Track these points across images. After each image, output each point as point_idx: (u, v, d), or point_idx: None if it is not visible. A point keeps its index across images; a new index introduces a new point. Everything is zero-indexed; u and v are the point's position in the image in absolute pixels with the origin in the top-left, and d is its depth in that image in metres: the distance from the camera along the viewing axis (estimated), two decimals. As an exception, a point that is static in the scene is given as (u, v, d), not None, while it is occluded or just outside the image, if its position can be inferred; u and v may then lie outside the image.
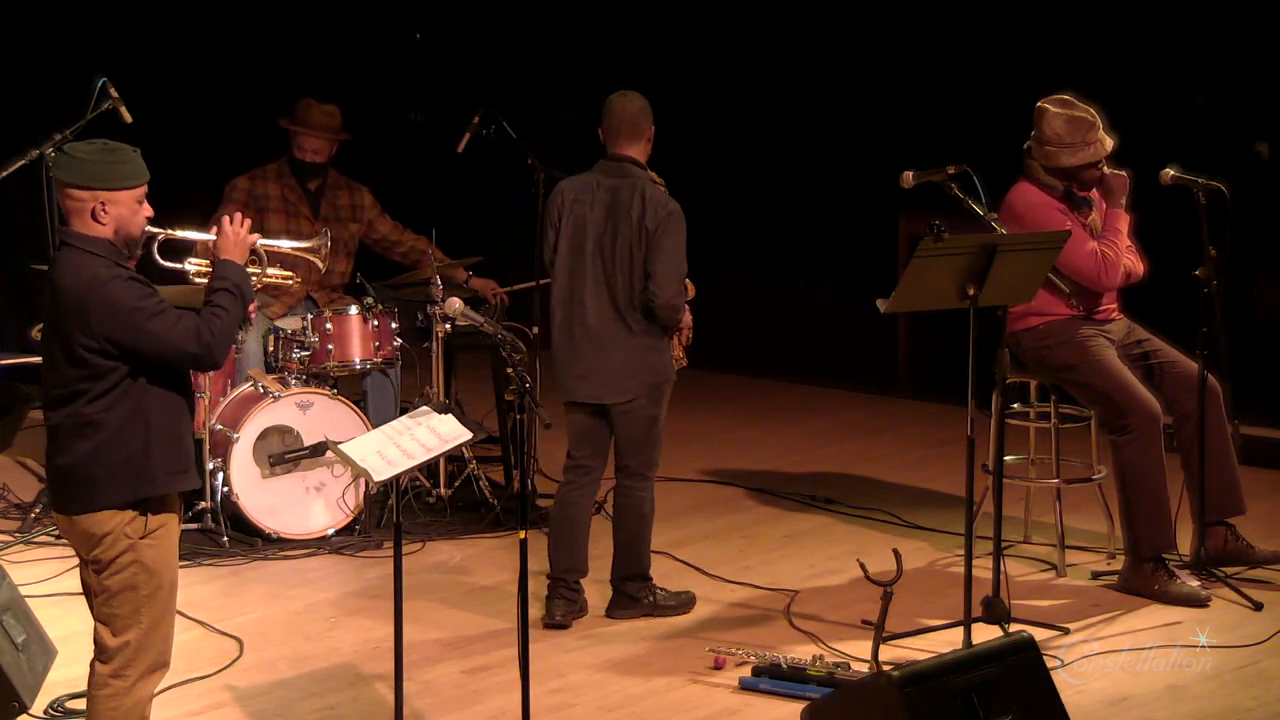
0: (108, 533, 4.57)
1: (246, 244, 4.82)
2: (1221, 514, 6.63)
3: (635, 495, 6.36)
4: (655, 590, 6.42)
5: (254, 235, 4.86)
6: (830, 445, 8.96)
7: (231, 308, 4.66)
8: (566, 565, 6.33)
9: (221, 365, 4.77)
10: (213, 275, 4.77)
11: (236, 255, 4.78)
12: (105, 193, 4.56)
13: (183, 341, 4.53)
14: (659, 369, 6.33)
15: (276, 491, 7.26)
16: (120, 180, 4.58)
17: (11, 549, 7.13)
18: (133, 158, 4.62)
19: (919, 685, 4.54)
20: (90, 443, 4.53)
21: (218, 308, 4.64)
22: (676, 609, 6.41)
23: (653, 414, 6.33)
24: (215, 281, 4.72)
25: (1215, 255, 6.45)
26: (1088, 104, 6.55)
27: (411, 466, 4.99)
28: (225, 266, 4.75)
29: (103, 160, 4.58)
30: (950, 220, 5.80)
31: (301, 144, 7.92)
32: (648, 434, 6.34)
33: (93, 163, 4.56)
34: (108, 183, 4.56)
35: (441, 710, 5.60)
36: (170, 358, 4.55)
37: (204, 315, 4.60)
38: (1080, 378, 6.58)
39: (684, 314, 6.47)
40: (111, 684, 4.61)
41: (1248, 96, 9.33)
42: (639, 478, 6.36)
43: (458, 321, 6.36)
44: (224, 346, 4.63)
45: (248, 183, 7.93)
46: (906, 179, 6.16)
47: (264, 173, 7.96)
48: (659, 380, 6.33)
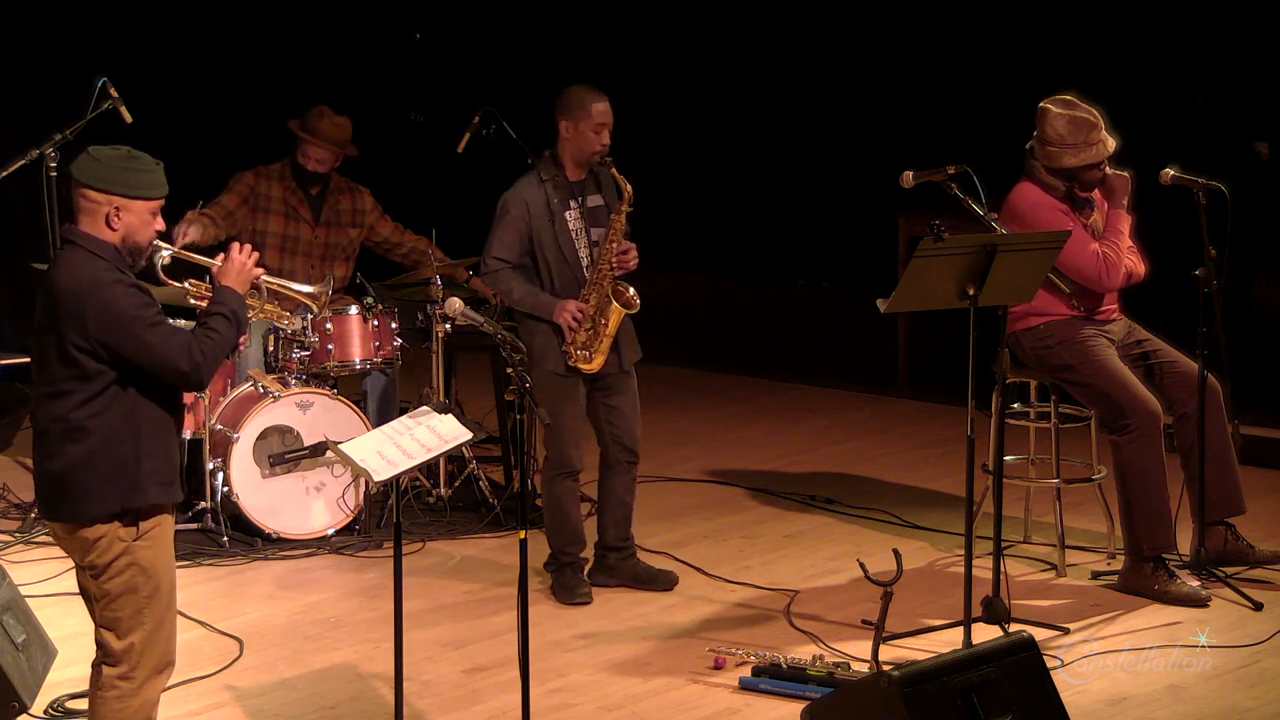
0: (101, 537, 4.57)
1: (249, 275, 4.81)
2: (1221, 514, 6.63)
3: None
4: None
5: (259, 270, 4.85)
6: (830, 445, 8.95)
7: (225, 332, 4.65)
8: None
9: (205, 386, 4.74)
10: (211, 299, 4.76)
11: (238, 284, 4.78)
12: (122, 199, 4.56)
13: (174, 356, 4.52)
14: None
15: (276, 491, 7.26)
16: (139, 190, 4.58)
17: (11, 549, 7.13)
18: (155, 169, 4.63)
19: (919, 685, 4.54)
20: (80, 448, 4.52)
21: (212, 330, 4.63)
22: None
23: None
24: (213, 306, 4.72)
25: (1215, 255, 6.45)
26: (1090, 104, 6.55)
27: (411, 466, 4.99)
28: (225, 293, 4.74)
29: (125, 167, 4.58)
30: (950, 220, 5.81)
31: (307, 151, 7.90)
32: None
33: (115, 168, 4.56)
34: (127, 190, 4.56)
35: (441, 710, 5.60)
36: (159, 370, 4.53)
37: (198, 335, 4.60)
38: (1080, 378, 6.58)
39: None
40: (119, 686, 4.61)
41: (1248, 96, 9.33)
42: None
43: (458, 321, 6.38)
44: (212, 368, 4.62)
45: (253, 179, 7.92)
46: (906, 179, 6.16)
47: (269, 172, 7.95)
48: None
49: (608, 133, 6.48)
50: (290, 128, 7.94)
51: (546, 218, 6.48)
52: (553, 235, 6.48)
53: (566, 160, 6.53)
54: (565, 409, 6.50)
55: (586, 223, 6.53)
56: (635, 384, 6.67)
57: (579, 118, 6.46)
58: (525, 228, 6.48)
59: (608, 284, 6.46)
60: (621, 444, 6.63)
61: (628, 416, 6.63)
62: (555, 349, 6.47)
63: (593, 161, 6.51)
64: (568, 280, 6.51)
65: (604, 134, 6.47)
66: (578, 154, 6.50)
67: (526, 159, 7.57)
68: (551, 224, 6.48)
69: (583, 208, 6.53)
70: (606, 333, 6.45)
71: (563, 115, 6.49)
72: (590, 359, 6.46)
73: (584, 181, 6.57)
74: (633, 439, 6.65)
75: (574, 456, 6.58)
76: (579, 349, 6.45)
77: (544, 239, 6.48)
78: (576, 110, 6.46)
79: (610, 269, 6.48)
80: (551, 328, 6.46)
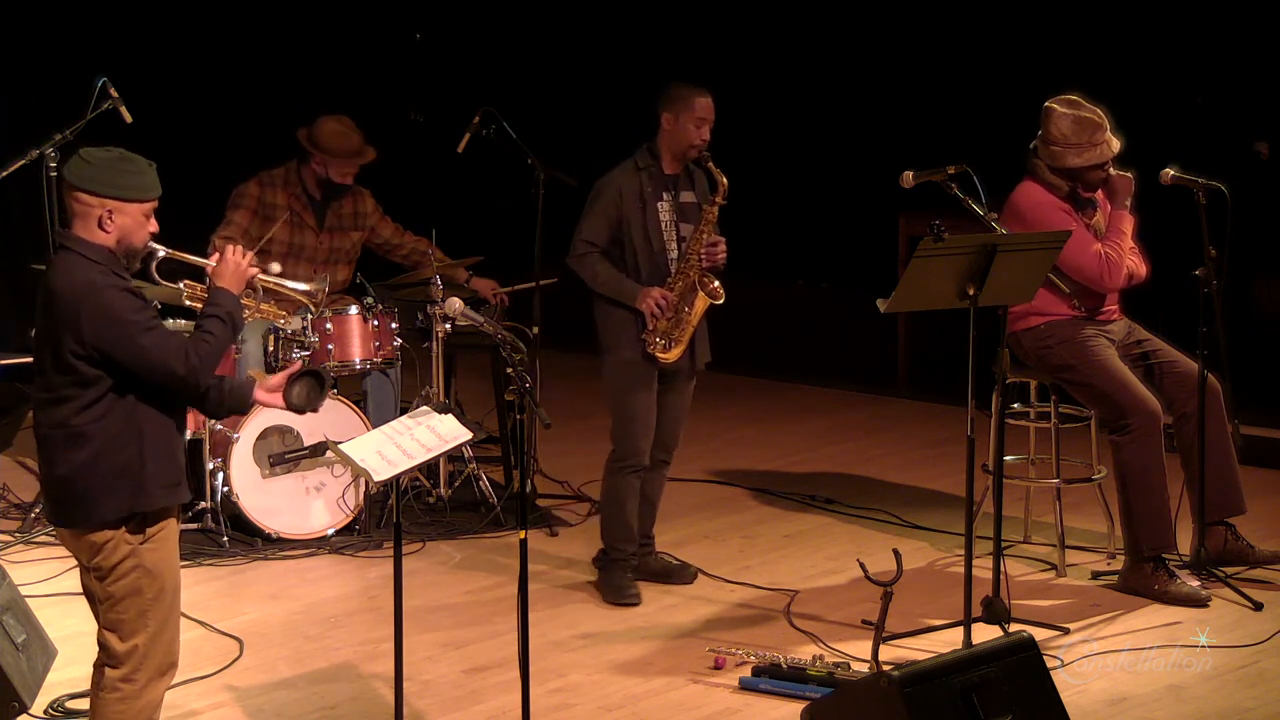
0: (108, 541, 4.56)
1: (244, 275, 4.78)
2: (1221, 514, 6.63)
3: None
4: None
5: (254, 269, 4.83)
6: (830, 445, 8.95)
7: (221, 334, 4.63)
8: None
9: (202, 390, 4.70)
10: (207, 300, 4.74)
11: (233, 285, 4.75)
12: (115, 202, 4.53)
13: (171, 360, 4.50)
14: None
15: (276, 491, 7.26)
16: (132, 191, 4.56)
17: (11, 549, 7.13)
18: (147, 171, 4.60)
19: (919, 685, 4.55)
20: (82, 454, 4.51)
21: (208, 333, 4.61)
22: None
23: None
24: (208, 307, 4.70)
25: (1215, 255, 6.45)
26: (1095, 105, 6.55)
27: (411, 466, 4.99)
28: (220, 294, 4.72)
29: (118, 169, 4.55)
30: (950, 220, 5.81)
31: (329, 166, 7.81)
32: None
33: (107, 170, 4.54)
34: (120, 192, 4.54)
35: (441, 710, 5.60)
36: (155, 375, 4.51)
37: (194, 339, 4.58)
38: (1080, 377, 6.58)
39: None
40: (122, 688, 4.61)
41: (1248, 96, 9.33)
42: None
43: (458, 321, 6.38)
44: (209, 371, 4.61)
45: (257, 189, 7.86)
46: (906, 179, 6.16)
47: (271, 179, 7.90)
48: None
49: (708, 128, 6.44)
50: (302, 143, 7.85)
51: (638, 206, 6.43)
52: (642, 223, 6.44)
53: (665, 153, 6.48)
54: (638, 397, 6.47)
55: (677, 216, 6.49)
56: (693, 388, 6.63)
57: (680, 110, 6.41)
58: (615, 213, 6.43)
59: (694, 275, 6.42)
60: (661, 442, 6.60)
61: (675, 417, 6.61)
62: (631, 336, 6.42)
63: (690, 156, 6.46)
64: (653, 270, 6.45)
65: (704, 129, 6.43)
66: (676, 147, 6.45)
67: (526, 159, 7.60)
68: (643, 212, 6.43)
69: (675, 201, 6.50)
70: (690, 322, 6.42)
71: (665, 108, 6.44)
72: (669, 348, 6.42)
73: (679, 176, 6.52)
74: (673, 440, 6.64)
75: (644, 449, 6.53)
76: (659, 336, 6.41)
77: (633, 226, 6.43)
78: (678, 103, 6.42)
79: (699, 260, 6.43)
80: (631, 314, 6.41)
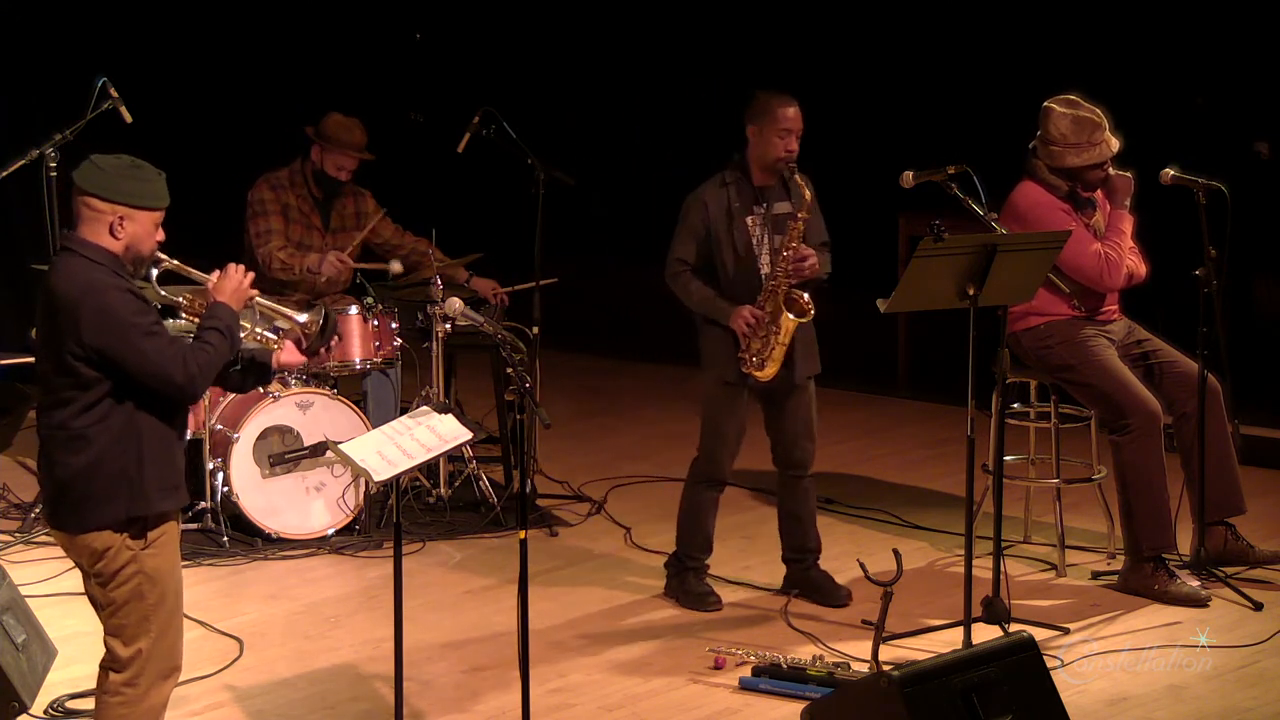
0: (108, 547, 4.56)
1: (244, 295, 4.79)
2: (1221, 514, 6.63)
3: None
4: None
5: (253, 290, 4.83)
6: (830, 445, 8.92)
7: (220, 347, 4.63)
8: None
9: (199, 399, 4.71)
10: (206, 314, 4.74)
11: (233, 302, 4.76)
12: (127, 209, 4.55)
13: (170, 366, 4.50)
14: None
15: (276, 491, 7.26)
16: (145, 199, 4.57)
17: (11, 549, 7.13)
18: (157, 179, 4.62)
19: (919, 685, 4.55)
20: (82, 457, 4.51)
21: (207, 344, 4.62)
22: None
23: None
24: (208, 320, 4.70)
25: (1215, 255, 6.45)
26: (1094, 104, 6.54)
27: (411, 466, 4.99)
28: (219, 309, 4.72)
29: (130, 176, 4.57)
30: (950, 220, 5.81)
31: (329, 159, 7.83)
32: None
33: (121, 177, 4.55)
34: (132, 199, 4.55)
35: (441, 710, 5.60)
36: (154, 380, 4.51)
37: (193, 347, 4.58)
38: (1080, 378, 6.58)
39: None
40: (125, 692, 4.62)
41: (1248, 96, 9.33)
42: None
43: (458, 321, 6.37)
44: (206, 381, 4.62)
45: (272, 194, 7.87)
46: (906, 179, 6.16)
47: (278, 179, 7.90)
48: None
49: (795, 139, 6.28)
50: (308, 133, 7.88)
51: (725, 221, 6.31)
52: (730, 239, 6.31)
53: (753, 165, 6.35)
54: (726, 419, 6.41)
55: (769, 229, 6.33)
56: (810, 397, 6.49)
57: (764, 122, 6.30)
58: (704, 230, 6.33)
59: (782, 291, 6.26)
60: (785, 458, 6.53)
61: (792, 431, 6.47)
62: (727, 356, 6.32)
63: (778, 167, 6.29)
64: (745, 286, 6.32)
65: (790, 140, 6.27)
66: (762, 159, 6.32)
67: (526, 159, 7.60)
68: (730, 228, 6.31)
69: (766, 214, 6.35)
70: (779, 340, 6.25)
71: (750, 120, 6.34)
72: (763, 366, 6.29)
73: (771, 188, 6.37)
74: (799, 453, 6.51)
75: (724, 468, 6.50)
76: (752, 355, 6.29)
77: (721, 242, 6.32)
78: (763, 115, 6.31)
79: (786, 275, 6.26)
80: (727, 333, 6.30)
